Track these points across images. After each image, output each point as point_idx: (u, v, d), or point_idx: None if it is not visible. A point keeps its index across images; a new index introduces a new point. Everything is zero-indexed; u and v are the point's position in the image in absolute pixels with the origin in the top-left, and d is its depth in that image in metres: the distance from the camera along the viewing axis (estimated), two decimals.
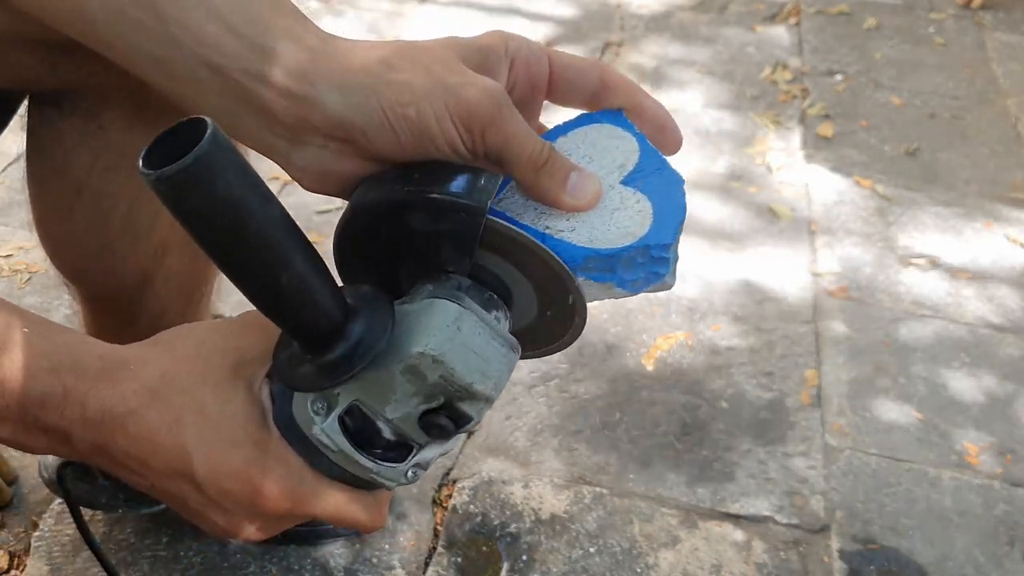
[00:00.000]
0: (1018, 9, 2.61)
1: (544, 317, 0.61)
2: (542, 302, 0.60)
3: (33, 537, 1.13)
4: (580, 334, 0.62)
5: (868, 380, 1.46)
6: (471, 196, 0.55)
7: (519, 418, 1.35)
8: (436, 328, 0.54)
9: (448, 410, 0.56)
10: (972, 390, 1.46)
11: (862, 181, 1.91)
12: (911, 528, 1.25)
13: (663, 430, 1.35)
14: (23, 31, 0.68)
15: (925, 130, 2.10)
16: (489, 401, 0.56)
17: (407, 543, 1.17)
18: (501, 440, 1.32)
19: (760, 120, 2.08)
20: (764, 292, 1.61)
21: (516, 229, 0.56)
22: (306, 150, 0.58)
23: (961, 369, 1.50)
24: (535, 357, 0.65)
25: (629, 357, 1.46)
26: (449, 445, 0.60)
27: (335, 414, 0.56)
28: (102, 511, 1.14)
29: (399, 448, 0.58)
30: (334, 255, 0.60)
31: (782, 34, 2.44)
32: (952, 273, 1.70)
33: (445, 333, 0.54)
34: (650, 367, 1.45)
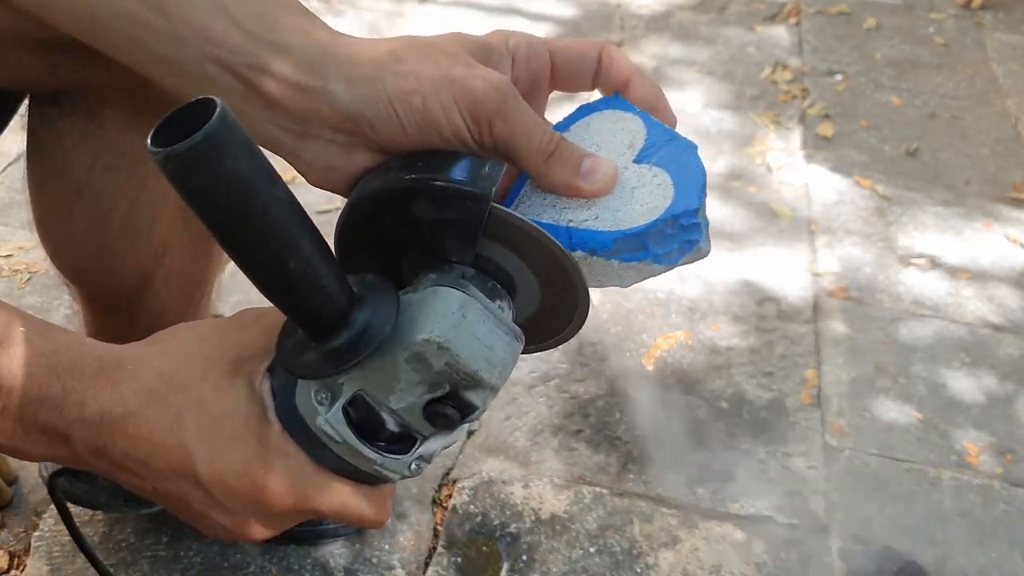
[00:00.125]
0: (1018, 9, 2.61)
1: (547, 308, 0.60)
2: (545, 292, 0.59)
3: (33, 537, 1.13)
4: (583, 325, 0.61)
5: (868, 380, 1.46)
6: (475, 183, 0.55)
7: (519, 418, 1.35)
8: (441, 315, 0.54)
9: (453, 399, 0.55)
10: (972, 390, 1.46)
11: (862, 181, 1.91)
12: (911, 528, 1.25)
13: (663, 430, 1.35)
14: (24, 30, 0.68)
15: (925, 130, 2.10)
16: (494, 390, 0.56)
17: (407, 543, 1.17)
18: (501, 440, 1.32)
19: (760, 120, 2.08)
20: (764, 292, 1.61)
21: (519, 217, 0.56)
22: (313, 144, 0.58)
23: (961, 369, 1.50)
24: (539, 350, 0.64)
25: (629, 357, 1.46)
26: (453, 437, 0.60)
27: (339, 404, 0.56)
28: (102, 511, 1.14)
29: (403, 440, 0.58)
30: (336, 245, 0.59)
31: (782, 34, 2.44)
32: (952, 273, 1.70)
33: (450, 320, 0.54)
34: (650, 367, 1.45)
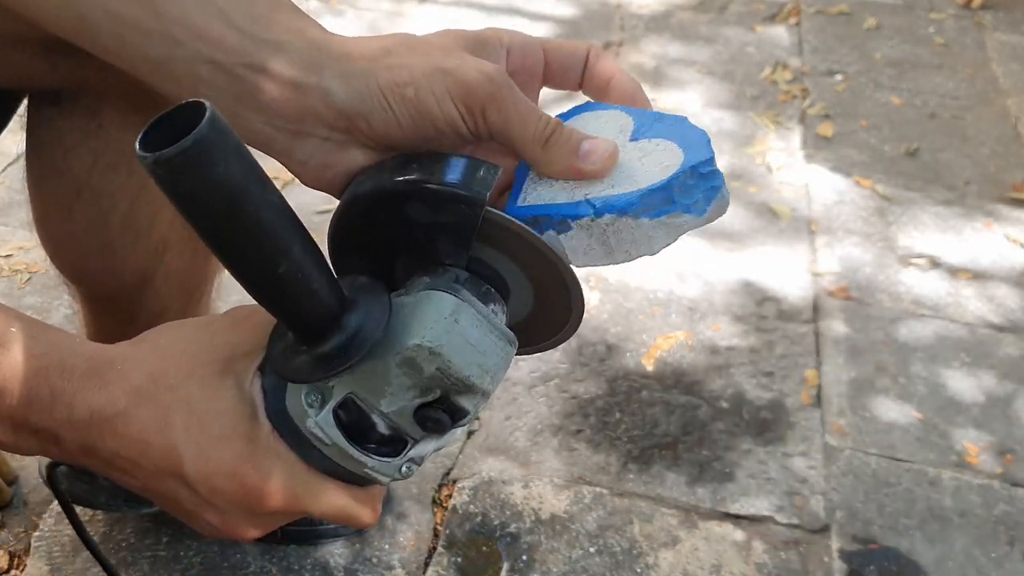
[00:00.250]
0: (1018, 9, 2.61)
1: (542, 311, 0.60)
2: (539, 295, 0.59)
3: (33, 537, 1.13)
4: (578, 328, 0.61)
5: (868, 380, 1.46)
6: (470, 187, 0.55)
7: (519, 418, 1.35)
8: (433, 320, 0.54)
9: (444, 404, 0.55)
10: (972, 390, 1.46)
11: (862, 181, 1.91)
12: (911, 528, 1.25)
13: (663, 430, 1.35)
14: (22, 31, 0.68)
15: (925, 130, 2.10)
16: (486, 395, 0.56)
17: (407, 543, 1.17)
18: (501, 440, 1.32)
19: (760, 120, 2.08)
20: (764, 292, 1.61)
21: (514, 220, 0.56)
22: (307, 142, 0.58)
23: (961, 369, 1.50)
24: (532, 353, 0.64)
25: (629, 357, 1.46)
26: (444, 440, 0.59)
27: (329, 407, 0.55)
28: (102, 511, 1.14)
29: (393, 443, 0.58)
30: (328, 247, 0.59)
31: (782, 34, 2.44)
32: (952, 273, 1.70)
33: (442, 325, 0.53)
34: (650, 367, 1.45)
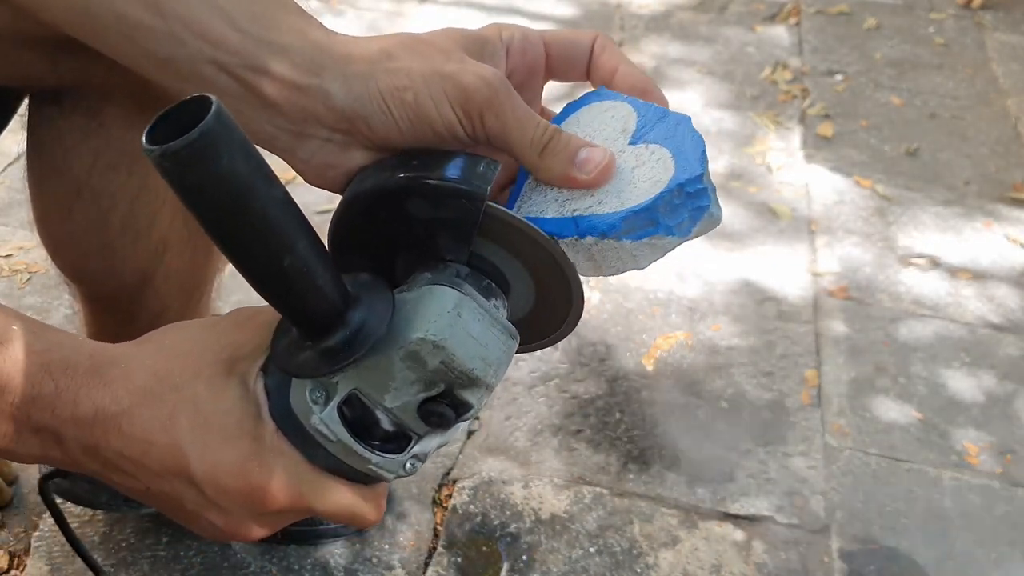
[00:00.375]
0: (1018, 9, 2.61)
1: (542, 306, 0.60)
2: (540, 290, 0.59)
3: (33, 537, 1.13)
4: (577, 324, 0.61)
5: (868, 380, 1.46)
6: (470, 182, 0.55)
7: (519, 418, 1.35)
8: (436, 314, 0.54)
9: (448, 398, 0.55)
10: (972, 390, 1.46)
11: (862, 181, 1.91)
12: (911, 528, 1.25)
13: (663, 430, 1.35)
14: (24, 29, 0.68)
15: (925, 130, 2.10)
16: (489, 388, 0.56)
17: (407, 543, 1.17)
18: (501, 440, 1.32)
19: (760, 120, 2.08)
20: (764, 292, 1.61)
21: (514, 215, 0.56)
22: (310, 143, 0.59)
23: (961, 369, 1.50)
24: (534, 349, 0.64)
25: (629, 357, 1.46)
26: (447, 436, 0.60)
27: (334, 403, 0.55)
28: (102, 511, 1.14)
29: (398, 439, 0.58)
30: (330, 244, 0.59)
31: (782, 34, 2.44)
32: (952, 273, 1.70)
33: (446, 319, 0.54)
34: (650, 367, 1.45)
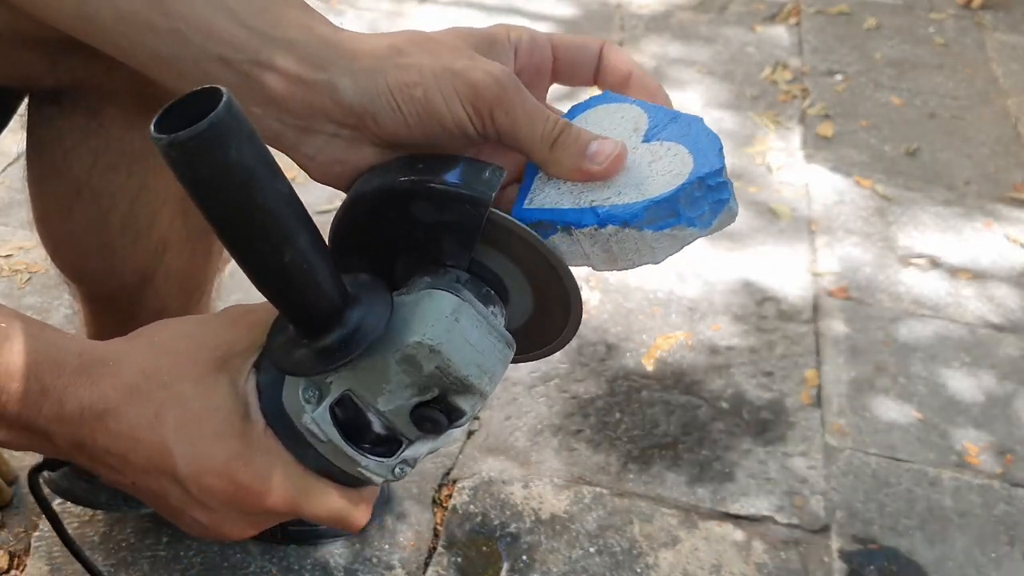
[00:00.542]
0: (1018, 9, 2.61)
1: (540, 317, 0.60)
2: (538, 300, 0.59)
3: (33, 537, 1.13)
4: (574, 336, 0.61)
5: (868, 380, 1.46)
6: (475, 188, 0.55)
7: (519, 418, 1.35)
8: (434, 318, 0.54)
9: (441, 403, 0.55)
10: (972, 390, 1.46)
11: (862, 181, 1.91)
12: (911, 528, 1.25)
13: (663, 430, 1.35)
14: (23, 29, 0.68)
15: (925, 130, 2.10)
16: (483, 396, 0.56)
17: (407, 543, 1.17)
18: (501, 440, 1.32)
19: (760, 120, 2.08)
20: (764, 292, 1.61)
21: (517, 223, 0.56)
22: (316, 139, 0.58)
23: (961, 369, 1.50)
24: (529, 360, 0.64)
25: (629, 357, 1.46)
26: (438, 442, 0.59)
27: (327, 403, 0.55)
28: (102, 510, 1.14)
29: (388, 443, 0.57)
30: (330, 243, 0.59)
31: (782, 34, 2.44)
32: (952, 273, 1.70)
33: (443, 324, 0.54)
34: (650, 367, 1.45)
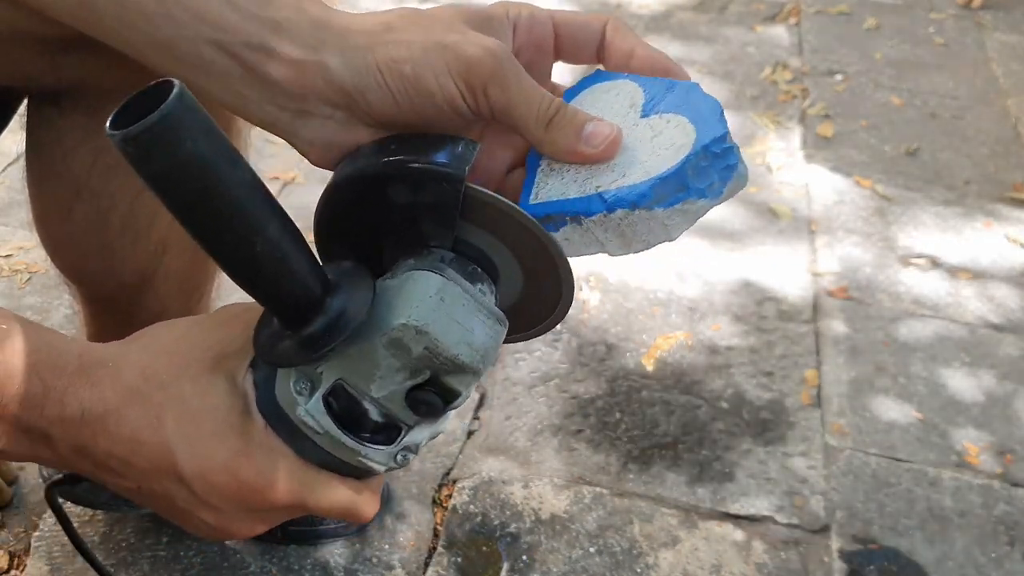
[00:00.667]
0: (1018, 9, 2.61)
1: (532, 292, 0.59)
2: (528, 275, 0.58)
3: (33, 537, 1.13)
4: (569, 308, 0.60)
5: (868, 380, 1.46)
6: (449, 164, 0.54)
7: (519, 418, 1.35)
8: (419, 299, 0.53)
9: (435, 385, 0.55)
10: (972, 390, 1.46)
11: (862, 181, 1.91)
12: (911, 528, 1.25)
13: (663, 430, 1.35)
14: (24, 27, 0.68)
15: (925, 130, 2.10)
16: (477, 375, 0.55)
17: (407, 543, 1.17)
18: (501, 440, 1.32)
19: (760, 120, 2.08)
20: (764, 292, 1.61)
21: (495, 196, 0.55)
22: (311, 121, 0.58)
23: (961, 369, 1.50)
24: (529, 337, 0.63)
25: (629, 357, 1.46)
26: (438, 426, 0.59)
27: (319, 394, 0.55)
28: (102, 511, 1.14)
29: (388, 430, 0.57)
30: (315, 237, 0.58)
31: (782, 34, 2.44)
32: (952, 273, 1.70)
33: (428, 304, 0.53)
34: (650, 367, 1.45)
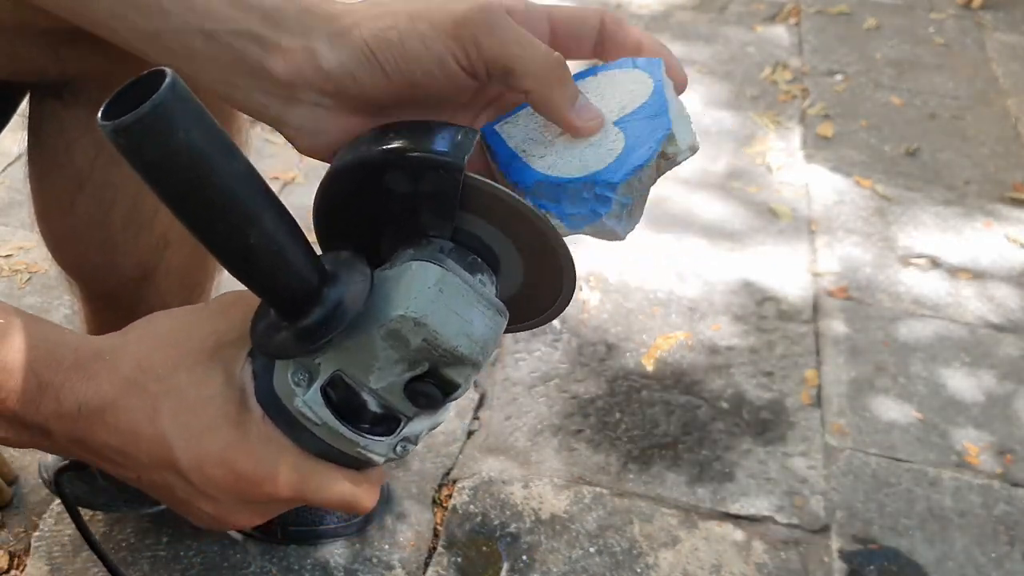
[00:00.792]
0: (1018, 9, 2.61)
1: (532, 281, 0.59)
2: (528, 265, 0.58)
3: (33, 537, 1.13)
4: (571, 299, 0.60)
5: (868, 380, 1.46)
6: (448, 153, 0.53)
7: (519, 418, 1.35)
8: (417, 290, 0.53)
9: (434, 377, 0.54)
10: (972, 390, 1.46)
11: (862, 181, 1.91)
12: (911, 528, 1.25)
13: (663, 430, 1.35)
14: (27, 21, 0.68)
15: (925, 130, 2.10)
16: (476, 366, 0.55)
17: (407, 543, 1.17)
18: (501, 440, 1.32)
19: (760, 120, 2.08)
20: (764, 292, 1.61)
21: (496, 186, 0.55)
22: (300, 109, 0.57)
23: (961, 369, 1.50)
24: (532, 327, 0.62)
25: (629, 357, 1.46)
26: (438, 418, 0.59)
27: (317, 385, 0.54)
28: (102, 511, 1.14)
29: (387, 422, 0.57)
30: (314, 229, 0.58)
31: (782, 34, 2.44)
32: (952, 273, 1.70)
33: (427, 295, 0.53)
34: (650, 367, 1.45)
